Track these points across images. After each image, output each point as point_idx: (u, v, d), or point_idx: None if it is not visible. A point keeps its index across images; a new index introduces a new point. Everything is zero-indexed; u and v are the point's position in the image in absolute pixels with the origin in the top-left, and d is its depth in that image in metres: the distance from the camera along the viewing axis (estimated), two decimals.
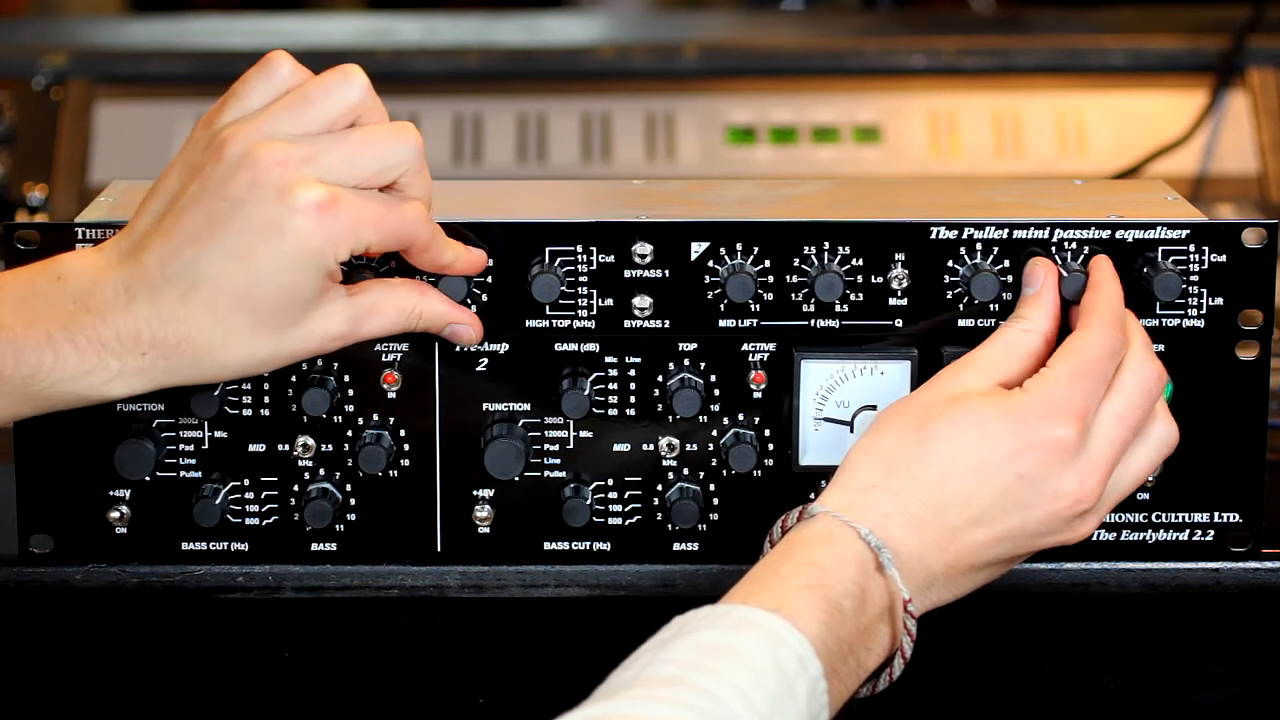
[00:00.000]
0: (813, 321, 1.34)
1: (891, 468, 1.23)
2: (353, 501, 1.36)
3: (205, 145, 1.22)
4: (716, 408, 1.35)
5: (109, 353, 1.22)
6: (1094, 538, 1.36)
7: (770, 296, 1.34)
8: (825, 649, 1.15)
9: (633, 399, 1.35)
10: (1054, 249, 1.33)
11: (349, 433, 1.35)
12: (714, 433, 1.36)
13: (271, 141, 1.20)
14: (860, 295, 1.34)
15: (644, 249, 1.33)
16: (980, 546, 1.23)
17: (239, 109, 1.23)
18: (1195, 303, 1.34)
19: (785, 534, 1.23)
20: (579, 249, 1.34)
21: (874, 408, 1.34)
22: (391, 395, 1.35)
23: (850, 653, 1.18)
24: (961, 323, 1.34)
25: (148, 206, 1.24)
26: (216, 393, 1.34)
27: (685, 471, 1.36)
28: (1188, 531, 1.37)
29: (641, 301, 1.34)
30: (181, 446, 1.35)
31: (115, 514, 1.35)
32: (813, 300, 1.34)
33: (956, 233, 1.33)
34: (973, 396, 1.24)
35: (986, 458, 1.22)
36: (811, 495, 1.36)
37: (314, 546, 1.37)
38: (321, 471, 1.36)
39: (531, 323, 1.34)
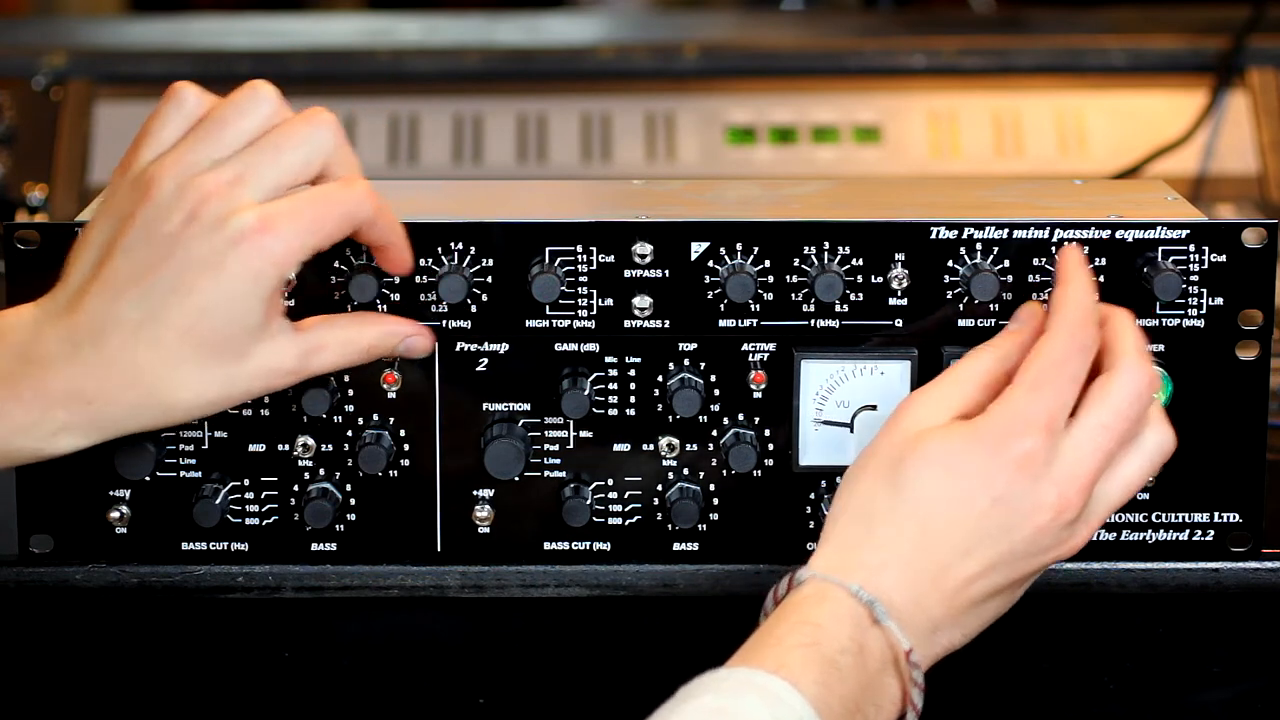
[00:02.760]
0: (813, 321, 1.34)
1: (871, 519, 1.21)
2: (353, 501, 1.36)
3: (130, 189, 1.21)
4: (716, 408, 1.35)
5: (56, 404, 1.21)
6: (1094, 537, 1.36)
7: (770, 296, 1.34)
8: (826, 708, 1.15)
9: (633, 399, 1.35)
10: (1054, 249, 1.33)
11: (349, 433, 1.35)
12: (714, 433, 1.36)
13: (200, 174, 1.20)
14: (860, 295, 1.34)
15: (644, 249, 1.33)
16: (974, 579, 1.21)
17: (155, 146, 1.23)
18: (1195, 303, 1.34)
19: (778, 603, 1.22)
20: (579, 249, 1.34)
21: (874, 408, 1.34)
22: (391, 395, 1.35)
23: (856, 710, 1.17)
24: (961, 323, 1.34)
25: (79, 259, 1.22)
26: None
27: (685, 471, 1.36)
28: (1188, 531, 1.37)
29: (641, 301, 1.34)
30: (181, 446, 1.35)
31: (115, 514, 1.35)
32: (813, 300, 1.34)
33: (956, 233, 1.33)
34: (935, 431, 1.22)
35: (960, 489, 1.20)
36: (811, 495, 1.36)
37: (314, 546, 1.37)
38: (321, 471, 1.36)
39: (531, 323, 1.34)
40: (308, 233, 1.21)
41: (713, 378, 1.35)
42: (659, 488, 1.36)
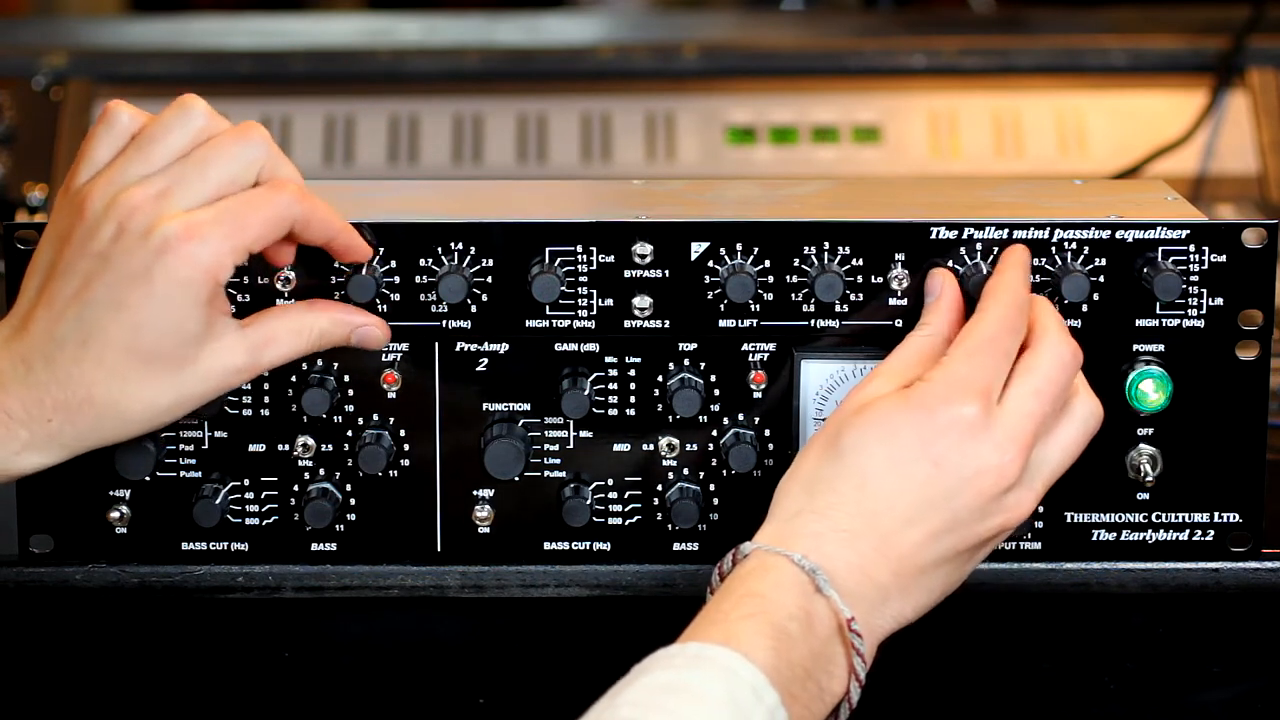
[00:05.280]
0: (813, 321, 1.34)
1: (814, 489, 1.23)
2: (353, 501, 1.36)
3: (67, 210, 1.23)
4: (716, 408, 1.35)
5: (16, 422, 1.22)
6: (1094, 538, 1.36)
7: (770, 296, 1.34)
8: (778, 675, 1.16)
9: (633, 399, 1.35)
10: (1054, 249, 1.33)
11: (349, 433, 1.35)
12: (714, 433, 1.36)
13: (126, 189, 1.21)
14: (860, 295, 1.34)
15: (644, 249, 1.33)
16: (919, 545, 1.22)
17: (91, 167, 1.24)
18: (1195, 303, 1.34)
19: (724, 579, 1.23)
20: (579, 249, 1.34)
21: None
22: (391, 395, 1.35)
23: (808, 676, 1.18)
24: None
25: (29, 283, 1.24)
26: None
27: (685, 471, 1.36)
28: (1188, 531, 1.37)
29: (641, 301, 1.34)
30: (181, 446, 1.35)
31: (115, 514, 1.35)
32: (813, 300, 1.34)
33: (956, 233, 1.33)
34: (875, 400, 1.24)
35: (899, 453, 1.22)
36: None
37: (314, 546, 1.37)
38: (321, 471, 1.36)
39: (531, 323, 1.34)
40: (234, 235, 1.21)
41: (713, 378, 1.35)
42: (659, 488, 1.36)
